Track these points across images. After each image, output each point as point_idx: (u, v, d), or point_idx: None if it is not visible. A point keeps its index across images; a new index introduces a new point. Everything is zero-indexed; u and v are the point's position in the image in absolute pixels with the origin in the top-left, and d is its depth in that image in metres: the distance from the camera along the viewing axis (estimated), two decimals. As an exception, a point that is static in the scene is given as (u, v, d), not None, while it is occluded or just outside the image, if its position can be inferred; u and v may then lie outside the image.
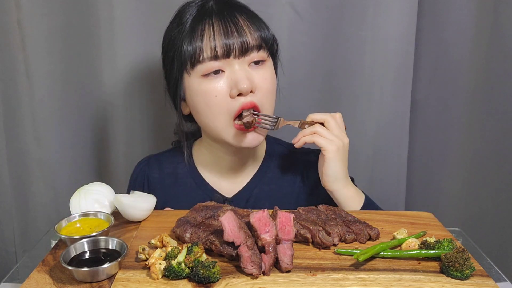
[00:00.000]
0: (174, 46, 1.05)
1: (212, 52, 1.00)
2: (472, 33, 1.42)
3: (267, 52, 1.06)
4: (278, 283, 0.73)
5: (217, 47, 0.99)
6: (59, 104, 1.40)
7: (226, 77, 1.01)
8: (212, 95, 1.01)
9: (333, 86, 1.46)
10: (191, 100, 1.06)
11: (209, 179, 1.17)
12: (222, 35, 1.00)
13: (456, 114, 1.50)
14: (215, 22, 1.01)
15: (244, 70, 1.02)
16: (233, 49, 1.00)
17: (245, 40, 1.01)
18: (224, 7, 1.05)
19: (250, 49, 1.02)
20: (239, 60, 1.01)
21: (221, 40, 1.00)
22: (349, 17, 1.40)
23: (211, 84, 1.01)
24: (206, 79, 1.02)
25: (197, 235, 0.83)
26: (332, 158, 1.03)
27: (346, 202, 1.06)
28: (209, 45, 1.00)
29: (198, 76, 1.02)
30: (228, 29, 1.00)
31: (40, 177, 1.45)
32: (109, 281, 0.74)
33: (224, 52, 1.00)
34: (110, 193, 0.97)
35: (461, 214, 1.55)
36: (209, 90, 1.02)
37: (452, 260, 0.74)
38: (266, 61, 1.06)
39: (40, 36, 1.33)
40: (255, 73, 1.03)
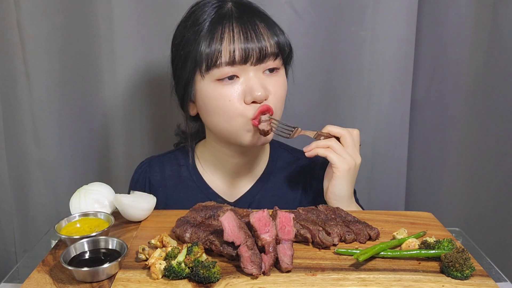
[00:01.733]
0: (188, 46, 1.03)
1: (230, 57, 0.98)
2: (472, 33, 1.42)
3: (282, 59, 1.06)
4: (278, 283, 0.73)
5: (236, 52, 0.98)
6: (59, 104, 1.40)
7: (241, 83, 1.00)
8: (226, 99, 1.00)
9: (332, 86, 1.46)
10: (202, 103, 1.05)
11: (211, 182, 1.16)
12: (241, 40, 0.99)
13: (456, 114, 1.50)
14: (235, 27, 1.00)
15: (259, 78, 1.01)
16: (251, 55, 0.99)
17: (263, 46, 1.00)
18: (244, 11, 1.03)
19: (267, 57, 1.01)
20: (254, 67, 1.00)
21: (240, 45, 0.98)
22: (348, 17, 1.40)
23: (224, 89, 1.00)
24: (220, 84, 1.00)
25: (197, 235, 0.83)
26: (341, 177, 1.02)
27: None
28: (227, 49, 0.98)
29: (212, 80, 1.01)
30: (248, 35, 0.99)
31: (40, 177, 1.45)
32: (109, 281, 0.74)
33: (242, 58, 0.99)
34: (110, 193, 0.97)
35: (461, 214, 1.56)
36: (222, 94, 1.00)
37: (452, 260, 0.74)
38: (280, 69, 1.06)
39: (39, 36, 1.33)
40: (269, 80, 1.03)
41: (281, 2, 1.37)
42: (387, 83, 1.44)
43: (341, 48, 1.42)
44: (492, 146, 1.48)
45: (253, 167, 1.16)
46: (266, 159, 1.19)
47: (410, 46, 1.41)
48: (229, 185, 1.16)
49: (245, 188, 1.16)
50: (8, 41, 1.33)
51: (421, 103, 1.51)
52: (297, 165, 1.19)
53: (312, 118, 1.48)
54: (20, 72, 1.36)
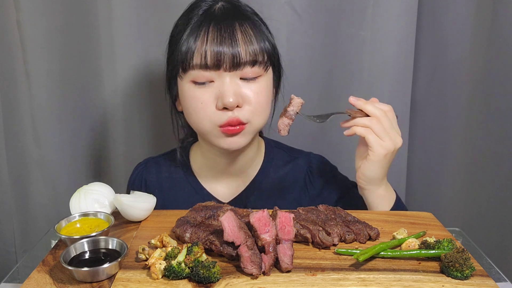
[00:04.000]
0: (173, 43, 1.04)
1: (202, 59, 0.98)
2: (472, 33, 1.42)
3: (263, 66, 1.02)
4: (278, 283, 0.73)
5: (208, 55, 0.97)
6: (59, 104, 1.40)
7: (215, 87, 1.00)
8: (199, 102, 1.01)
9: (332, 86, 1.46)
10: (182, 101, 1.06)
11: (206, 183, 1.16)
12: (215, 42, 0.97)
13: (456, 114, 1.50)
14: (211, 28, 0.98)
15: (234, 84, 0.99)
16: (223, 61, 0.97)
17: (237, 53, 0.97)
18: (227, 13, 1.02)
19: (242, 64, 0.98)
20: (230, 73, 0.99)
21: (213, 47, 0.97)
22: (348, 17, 1.40)
23: (199, 91, 1.01)
24: (195, 86, 1.01)
25: (197, 235, 0.83)
26: (376, 162, 0.98)
27: (374, 202, 1.03)
28: (200, 51, 0.98)
29: (188, 80, 1.01)
30: (222, 38, 0.98)
31: (40, 177, 1.45)
32: (109, 281, 0.74)
33: (214, 62, 0.97)
34: (110, 193, 0.97)
35: (461, 214, 1.55)
36: (196, 96, 1.01)
37: (452, 260, 0.74)
38: (261, 76, 1.03)
39: (39, 36, 1.33)
40: (246, 86, 1.00)
41: (281, 2, 1.37)
42: (387, 83, 1.44)
43: (341, 48, 1.42)
44: (492, 146, 1.47)
45: (246, 167, 1.16)
46: (261, 159, 1.18)
47: (410, 46, 1.41)
48: (223, 186, 1.16)
49: (240, 189, 1.16)
50: (8, 41, 1.33)
51: (421, 103, 1.51)
52: (294, 164, 1.19)
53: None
54: (20, 72, 1.36)
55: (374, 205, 1.04)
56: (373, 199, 1.03)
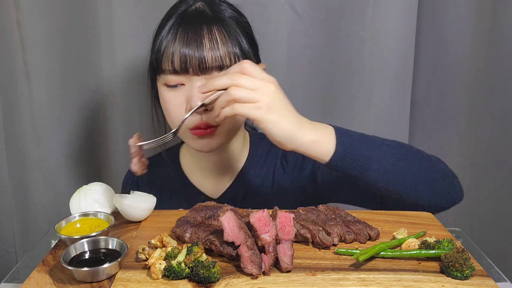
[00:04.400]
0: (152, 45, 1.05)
1: (170, 64, 0.99)
2: (472, 33, 1.42)
3: None
4: (278, 283, 0.73)
5: (175, 58, 0.98)
6: (59, 104, 1.41)
7: (185, 91, 1.00)
8: (171, 104, 1.02)
9: (332, 86, 1.46)
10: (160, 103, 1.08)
11: (195, 181, 1.18)
12: (182, 48, 0.97)
13: (456, 114, 1.50)
14: (180, 33, 0.99)
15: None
16: (190, 64, 0.97)
17: (203, 57, 0.97)
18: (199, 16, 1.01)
19: (209, 69, 0.98)
20: (199, 77, 0.99)
21: (180, 53, 0.97)
22: (348, 17, 1.40)
23: (171, 94, 1.02)
24: (168, 88, 1.02)
25: (197, 235, 0.83)
26: (270, 123, 0.84)
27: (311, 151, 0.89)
28: (168, 55, 0.99)
29: (162, 83, 1.03)
30: (189, 43, 0.97)
31: (40, 177, 1.45)
32: (109, 281, 0.74)
33: (182, 66, 0.98)
34: (110, 193, 0.97)
35: (461, 214, 1.55)
36: (168, 99, 1.02)
37: (452, 260, 0.74)
38: None
39: (39, 36, 1.33)
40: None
41: (281, 2, 1.37)
42: (387, 83, 1.44)
43: (341, 48, 1.42)
44: (492, 146, 1.47)
45: (233, 162, 1.17)
46: (247, 151, 1.19)
47: (410, 46, 1.41)
48: (212, 183, 1.18)
49: (227, 184, 1.17)
50: (8, 41, 1.33)
51: (421, 103, 1.51)
52: (273, 151, 1.19)
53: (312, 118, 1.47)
54: (20, 72, 1.36)
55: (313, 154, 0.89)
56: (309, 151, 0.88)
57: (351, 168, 0.90)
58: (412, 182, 0.94)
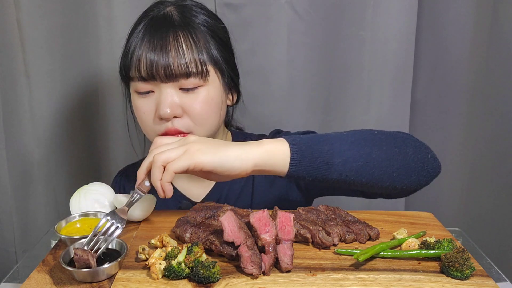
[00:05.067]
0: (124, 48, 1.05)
1: (137, 72, 0.99)
2: (472, 33, 1.42)
3: (201, 77, 0.99)
4: (278, 283, 0.73)
5: (141, 64, 0.98)
6: (59, 104, 1.41)
7: (155, 98, 1.01)
8: (141, 112, 1.03)
9: (332, 86, 1.46)
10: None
11: (179, 185, 1.16)
12: (149, 54, 0.97)
13: (456, 114, 1.50)
14: (147, 40, 0.98)
15: (171, 95, 0.99)
16: (156, 71, 0.97)
17: (168, 64, 0.96)
18: (166, 22, 1.00)
19: (175, 76, 0.97)
20: (167, 84, 0.99)
21: (147, 60, 0.97)
22: (348, 17, 1.40)
23: (141, 101, 1.03)
24: (138, 95, 1.03)
25: (197, 235, 0.83)
26: (203, 156, 0.80)
27: (266, 163, 0.83)
28: (135, 58, 0.99)
29: (133, 90, 1.04)
30: (155, 49, 0.97)
31: (40, 177, 1.45)
32: (109, 281, 0.74)
33: (149, 73, 0.97)
34: (110, 193, 0.97)
35: (461, 214, 1.56)
36: (139, 107, 1.03)
37: (452, 260, 0.74)
38: (201, 86, 1.00)
39: (39, 36, 1.33)
40: (187, 97, 1.00)
41: (281, 2, 1.37)
42: (387, 83, 1.44)
43: (341, 48, 1.42)
44: (492, 146, 1.48)
45: None
46: None
47: (410, 46, 1.41)
48: (195, 186, 1.16)
49: (210, 187, 1.15)
50: (8, 41, 1.33)
51: (421, 103, 1.51)
52: None
53: (312, 118, 1.48)
54: (20, 72, 1.36)
55: (267, 166, 0.84)
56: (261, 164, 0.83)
57: (313, 170, 0.83)
58: (383, 166, 0.86)
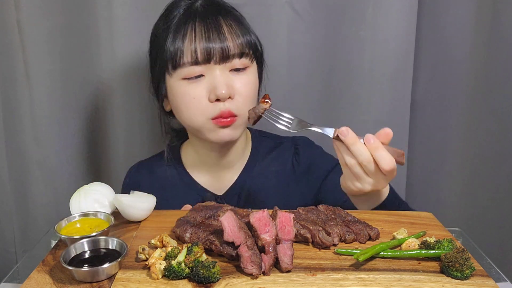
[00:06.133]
0: (158, 44, 1.06)
1: (192, 56, 1.00)
2: (472, 33, 1.42)
3: (250, 58, 1.06)
4: (278, 283, 0.73)
5: (198, 52, 1.00)
6: (59, 104, 1.41)
7: (206, 81, 1.02)
8: (190, 97, 1.03)
9: (333, 86, 1.46)
10: (172, 99, 1.08)
11: (199, 178, 1.18)
12: (203, 39, 1.00)
13: (456, 114, 1.50)
14: (197, 26, 1.01)
15: (225, 76, 1.02)
16: (213, 54, 1.00)
17: (226, 46, 1.01)
18: (210, 10, 1.04)
19: (231, 56, 1.02)
20: (220, 66, 1.02)
21: (202, 44, 1.00)
22: (348, 17, 1.40)
23: (190, 87, 1.03)
24: (186, 82, 1.03)
25: (197, 235, 0.83)
26: (348, 193, 0.96)
27: (359, 203, 1.00)
28: (189, 48, 1.00)
29: (179, 78, 1.03)
30: (210, 34, 1.00)
31: (40, 177, 1.45)
32: (109, 281, 0.74)
33: (205, 57, 1.00)
34: (110, 193, 0.97)
35: (461, 214, 1.55)
36: (188, 92, 1.03)
37: (452, 260, 0.74)
38: (248, 67, 1.06)
39: (39, 36, 1.33)
40: (236, 78, 1.04)
41: (281, 2, 1.37)
42: (387, 83, 1.44)
43: (341, 48, 1.42)
44: (492, 146, 1.47)
45: (237, 158, 1.18)
46: (249, 148, 1.21)
47: (410, 46, 1.41)
48: (216, 179, 1.18)
49: (232, 180, 1.18)
50: (8, 41, 1.33)
51: (421, 103, 1.51)
52: (280, 149, 1.21)
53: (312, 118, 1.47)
54: (20, 72, 1.36)
55: (359, 204, 1.00)
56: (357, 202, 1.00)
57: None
58: None
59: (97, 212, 0.91)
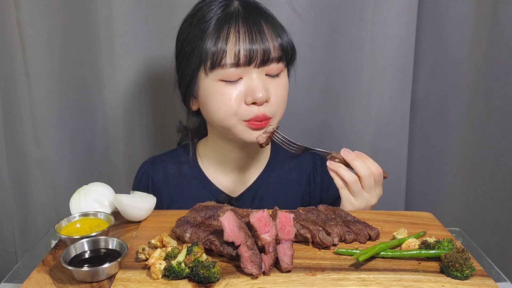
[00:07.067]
0: (193, 42, 1.03)
1: (235, 58, 0.99)
2: (472, 33, 1.42)
3: (285, 62, 1.06)
4: (278, 283, 0.73)
5: (241, 53, 0.99)
6: (59, 104, 1.40)
7: (243, 84, 1.01)
8: (227, 98, 1.01)
9: (333, 86, 1.46)
10: (204, 99, 1.06)
11: (214, 179, 1.17)
12: (247, 41, 0.99)
13: (456, 114, 1.50)
14: (241, 27, 1.00)
15: (262, 79, 1.02)
16: (255, 58, 1.00)
17: (267, 48, 1.00)
18: (250, 11, 1.03)
19: (270, 60, 1.02)
20: (257, 69, 1.01)
21: (245, 46, 0.99)
22: (348, 17, 1.40)
23: (227, 88, 1.01)
24: (223, 83, 1.01)
25: (197, 235, 0.83)
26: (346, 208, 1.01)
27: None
28: (233, 49, 0.99)
29: (216, 78, 1.01)
30: (253, 36, 1.00)
31: (40, 177, 1.45)
32: (109, 281, 0.74)
33: (246, 60, 0.99)
34: (110, 193, 0.97)
35: (461, 214, 1.55)
36: (224, 93, 1.01)
37: (452, 260, 0.74)
38: (282, 71, 1.06)
39: (39, 36, 1.33)
40: (271, 82, 1.03)
41: (281, 2, 1.37)
42: (387, 83, 1.44)
43: (341, 48, 1.42)
44: (492, 146, 1.47)
45: (255, 161, 1.17)
46: (268, 153, 1.20)
47: (410, 46, 1.41)
48: (232, 180, 1.17)
49: (247, 184, 1.16)
50: (8, 41, 1.33)
51: (421, 103, 1.51)
52: (299, 159, 1.20)
53: (312, 118, 1.48)
54: (20, 72, 1.36)
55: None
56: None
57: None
58: None
59: (97, 212, 0.91)
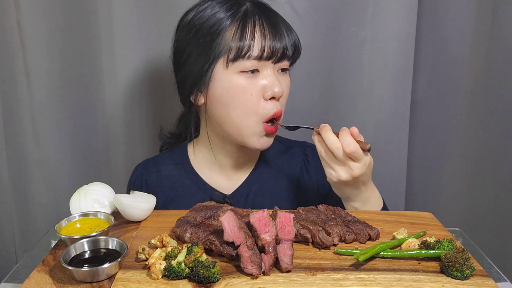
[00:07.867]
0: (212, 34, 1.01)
1: (260, 51, 1.00)
2: (472, 33, 1.42)
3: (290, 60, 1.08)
4: (278, 283, 0.73)
5: (266, 49, 1.00)
6: (59, 104, 1.40)
7: (261, 78, 1.02)
8: (248, 93, 1.01)
9: (332, 86, 1.46)
10: (218, 93, 1.03)
11: (207, 178, 1.17)
12: (271, 37, 1.01)
13: (456, 113, 1.50)
14: (265, 24, 1.02)
15: (276, 75, 1.04)
16: (275, 53, 1.01)
17: (285, 46, 1.03)
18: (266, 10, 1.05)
19: (285, 56, 1.04)
20: (272, 65, 1.03)
21: (270, 42, 1.00)
22: (348, 17, 1.40)
23: (247, 81, 1.01)
24: (242, 75, 1.01)
25: (197, 235, 0.83)
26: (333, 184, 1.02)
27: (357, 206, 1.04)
28: (260, 44, 1.00)
29: (236, 71, 1.01)
30: (276, 33, 1.02)
31: (40, 177, 1.44)
32: (109, 281, 0.74)
33: (269, 54, 1.01)
34: (110, 193, 0.97)
35: (461, 214, 1.55)
36: (244, 87, 1.01)
37: (452, 260, 0.74)
38: (288, 69, 1.09)
39: (39, 36, 1.33)
40: (281, 79, 1.05)
41: (281, 2, 1.37)
42: (387, 83, 1.44)
43: (341, 48, 1.42)
44: (492, 146, 1.47)
45: (247, 160, 1.18)
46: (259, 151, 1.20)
47: (410, 46, 1.41)
48: (225, 179, 1.17)
49: (240, 181, 1.17)
50: (8, 41, 1.33)
51: (421, 103, 1.51)
52: (290, 153, 1.21)
53: (312, 118, 1.48)
54: (20, 72, 1.36)
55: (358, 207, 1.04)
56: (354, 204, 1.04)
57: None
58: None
59: (97, 212, 0.91)
